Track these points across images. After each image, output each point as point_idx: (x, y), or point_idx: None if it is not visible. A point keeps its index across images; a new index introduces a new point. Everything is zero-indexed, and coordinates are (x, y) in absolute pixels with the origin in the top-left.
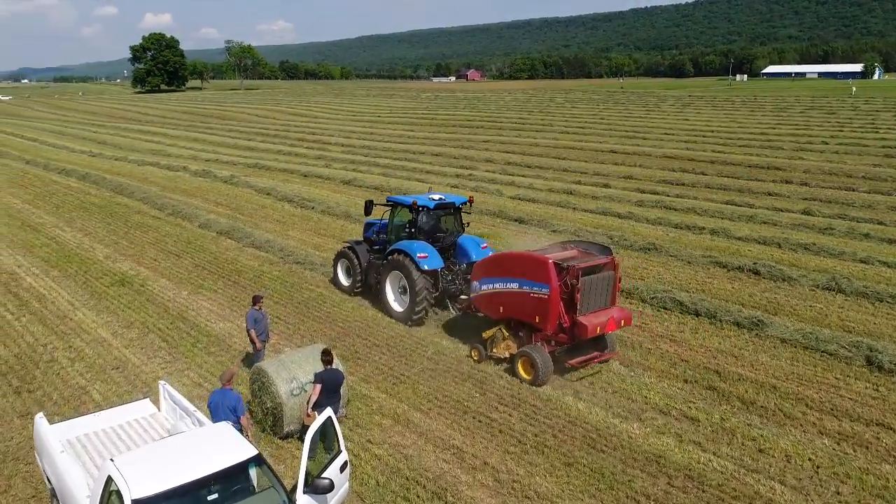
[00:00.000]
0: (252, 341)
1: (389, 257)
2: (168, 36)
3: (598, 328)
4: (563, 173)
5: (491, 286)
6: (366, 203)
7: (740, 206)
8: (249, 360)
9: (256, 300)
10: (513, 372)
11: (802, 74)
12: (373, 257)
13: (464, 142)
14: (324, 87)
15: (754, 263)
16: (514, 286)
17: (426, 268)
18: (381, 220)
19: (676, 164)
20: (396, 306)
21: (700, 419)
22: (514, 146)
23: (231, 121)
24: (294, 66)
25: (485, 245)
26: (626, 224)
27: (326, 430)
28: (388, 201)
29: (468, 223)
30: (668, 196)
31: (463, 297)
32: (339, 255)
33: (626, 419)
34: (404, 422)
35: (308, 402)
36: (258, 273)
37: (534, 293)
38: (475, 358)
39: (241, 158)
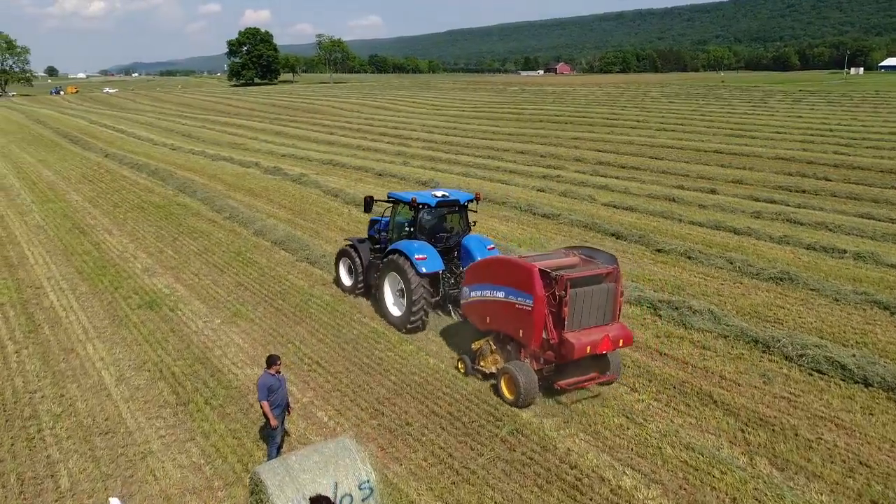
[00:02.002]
0: (266, 416)
1: (387, 258)
2: (263, 31)
3: (588, 347)
4: (663, 175)
5: (479, 293)
6: (366, 199)
7: (880, 220)
8: (265, 433)
9: (272, 362)
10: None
11: None
12: (373, 257)
13: (551, 138)
14: (410, 80)
15: None
16: (499, 295)
17: (424, 271)
18: (384, 216)
19: (793, 167)
20: (394, 310)
21: None
22: (605, 144)
23: (316, 114)
24: (383, 60)
25: (491, 246)
26: (745, 242)
27: None
28: (388, 197)
29: (475, 222)
30: (789, 206)
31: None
32: (341, 254)
33: None
34: None
35: None
36: (306, 297)
37: (518, 304)
38: (461, 370)
39: (317, 154)
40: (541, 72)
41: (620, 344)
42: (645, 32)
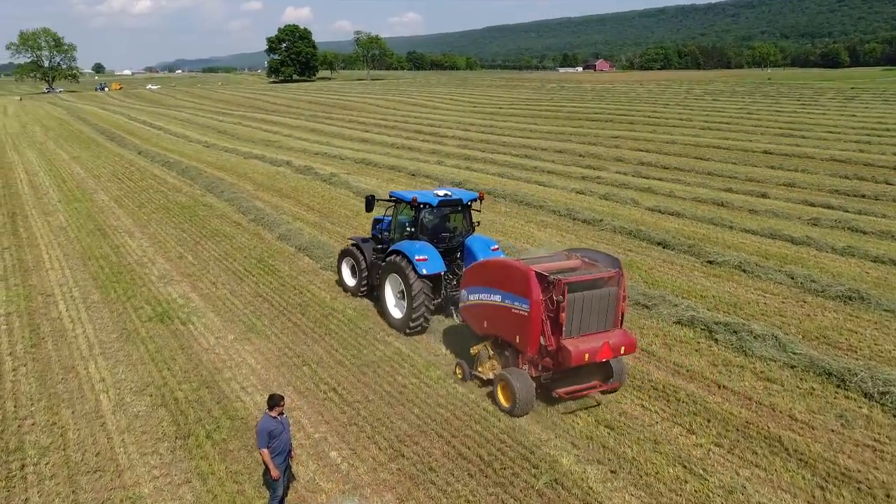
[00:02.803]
0: (266, 465)
1: (388, 258)
2: (302, 28)
3: (587, 355)
4: (709, 177)
5: (477, 296)
6: (367, 198)
7: None
8: (266, 479)
9: (274, 403)
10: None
11: None
12: (375, 257)
13: (591, 137)
14: (447, 77)
15: None
16: (496, 298)
17: (425, 272)
18: (387, 215)
19: (849, 170)
20: (396, 312)
21: None
22: (647, 143)
23: (352, 111)
24: (420, 57)
25: (495, 247)
26: (805, 254)
27: None
28: (390, 196)
29: (478, 222)
30: (849, 212)
31: None
32: (344, 254)
33: None
34: None
35: None
36: (327, 311)
37: (514, 309)
38: (459, 375)
39: (350, 152)
40: (579, 69)
41: (622, 352)
42: (687, 28)
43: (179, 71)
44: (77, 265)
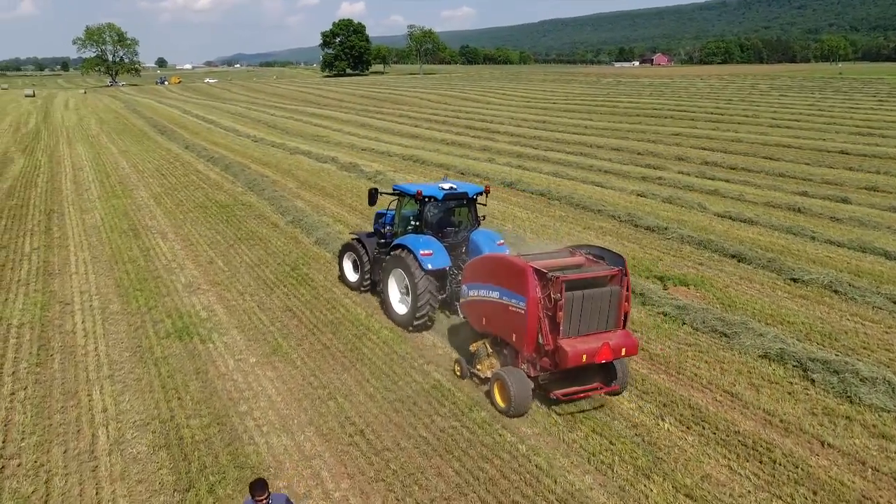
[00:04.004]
0: None
1: (392, 253)
2: (356, 22)
3: (584, 356)
4: (780, 179)
5: (476, 293)
6: (370, 191)
7: None
8: None
9: (256, 491)
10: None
11: None
12: (378, 252)
13: (649, 134)
14: (500, 71)
15: None
16: (494, 295)
17: (430, 267)
18: (389, 209)
19: None
20: (400, 308)
21: None
22: (711, 141)
23: (403, 105)
24: (473, 51)
25: (501, 241)
26: None
27: None
28: (394, 190)
29: (484, 216)
30: None
31: None
32: (346, 248)
33: None
34: None
35: None
36: (361, 331)
37: (512, 306)
38: (458, 373)
39: (398, 148)
40: (636, 63)
41: (623, 353)
42: (749, 21)
43: (238, 65)
44: (103, 269)
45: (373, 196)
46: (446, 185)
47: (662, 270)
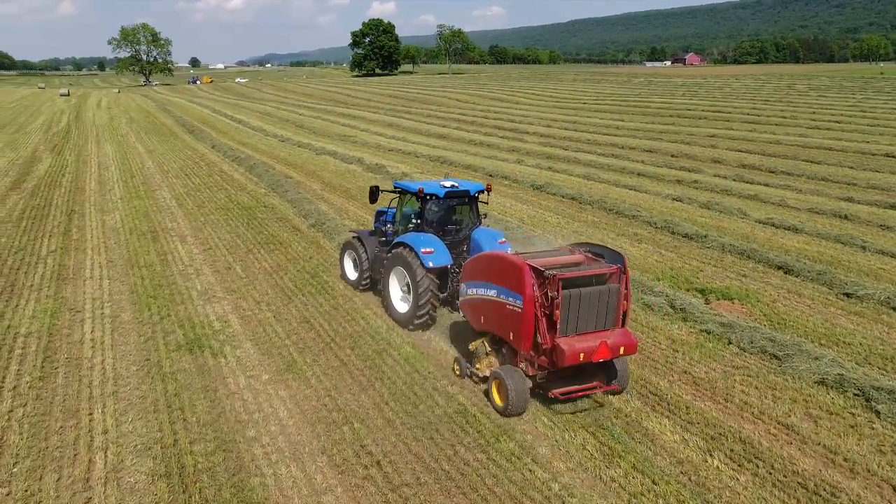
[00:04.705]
0: None
1: (393, 251)
2: (385, 22)
3: (581, 355)
4: (823, 183)
5: (474, 291)
6: (371, 189)
7: None
8: None
9: None
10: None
11: None
12: (378, 250)
13: (683, 135)
14: (529, 71)
15: None
16: (492, 293)
17: (431, 265)
18: (390, 207)
19: None
20: (400, 306)
21: None
22: (748, 143)
23: (431, 105)
24: (503, 51)
25: (503, 240)
26: None
27: None
28: (394, 187)
29: (485, 214)
30: None
31: None
32: (346, 246)
33: None
34: None
35: None
36: (382, 346)
37: (509, 304)
38: (457, 372)
39: (426, 149)
40: (667, 63)
41: (621, 352)
42: (785, 20)
43: (269, 65)
44: (118, 275)
45: (374, 194)
46: (448, 183)
47: (703, 282)
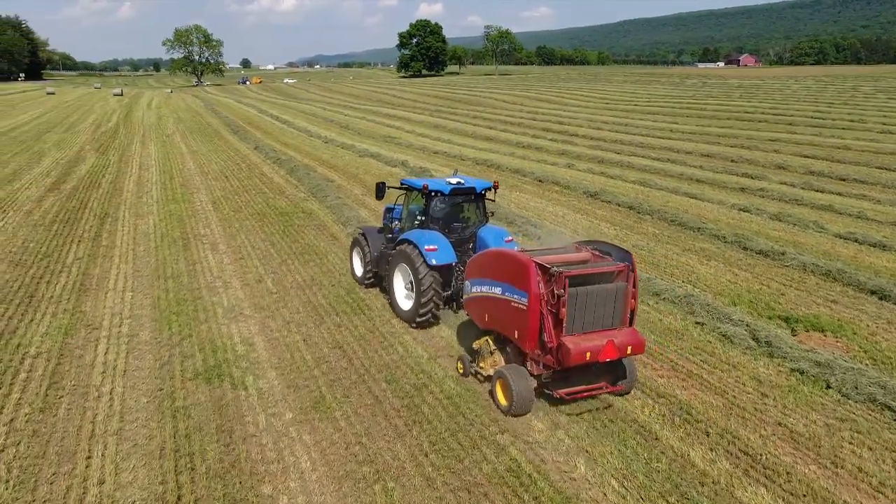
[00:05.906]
0: None
1: (397, 248)
2: (433, 23)
3: (588, 354)
4: None
5: (479, 289)
6: (377, 185)
7: None
8: None
9: None
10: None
11: None
12: (385, 247)
13: (742, 139)
14: (577, 72)
15: None
16: (497, 291)
17: (434, 262)
18: (398, 204)
19: None
20: (405, 303)
21: None
22: (814, 148)
23: (478, 106)
24: (550, 52)
25: (509, 238)
26: None
27: None
28: (402, 184)
29: (492, 212)
30: None
31: None
32: (354, 243)
33: None
34: None
35: None
36: (421, 381)
37: (514, 302)
38: (460, 370)
39: (472, 151)
40: (720, 63)
41: (628, 352)
42: (846, 19)
43: (318, 66)
44: (142, 286)
45: (380, 190)
46: (454, 180)
47: (788, 309)
